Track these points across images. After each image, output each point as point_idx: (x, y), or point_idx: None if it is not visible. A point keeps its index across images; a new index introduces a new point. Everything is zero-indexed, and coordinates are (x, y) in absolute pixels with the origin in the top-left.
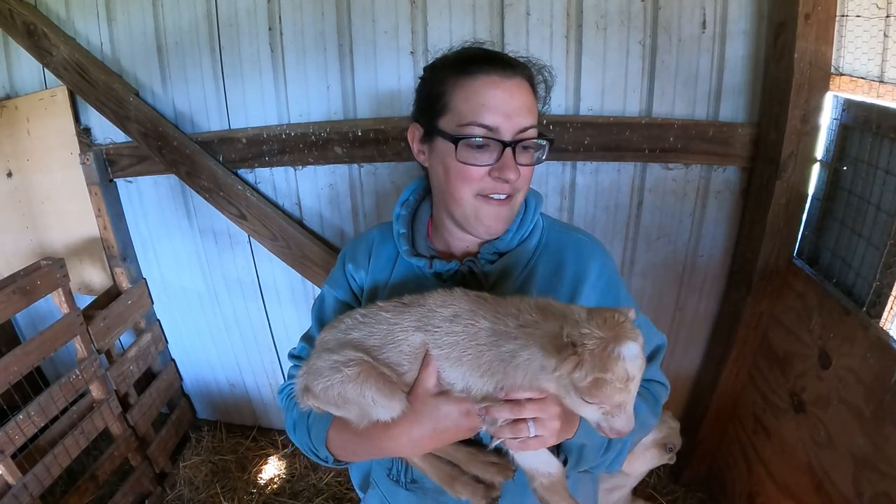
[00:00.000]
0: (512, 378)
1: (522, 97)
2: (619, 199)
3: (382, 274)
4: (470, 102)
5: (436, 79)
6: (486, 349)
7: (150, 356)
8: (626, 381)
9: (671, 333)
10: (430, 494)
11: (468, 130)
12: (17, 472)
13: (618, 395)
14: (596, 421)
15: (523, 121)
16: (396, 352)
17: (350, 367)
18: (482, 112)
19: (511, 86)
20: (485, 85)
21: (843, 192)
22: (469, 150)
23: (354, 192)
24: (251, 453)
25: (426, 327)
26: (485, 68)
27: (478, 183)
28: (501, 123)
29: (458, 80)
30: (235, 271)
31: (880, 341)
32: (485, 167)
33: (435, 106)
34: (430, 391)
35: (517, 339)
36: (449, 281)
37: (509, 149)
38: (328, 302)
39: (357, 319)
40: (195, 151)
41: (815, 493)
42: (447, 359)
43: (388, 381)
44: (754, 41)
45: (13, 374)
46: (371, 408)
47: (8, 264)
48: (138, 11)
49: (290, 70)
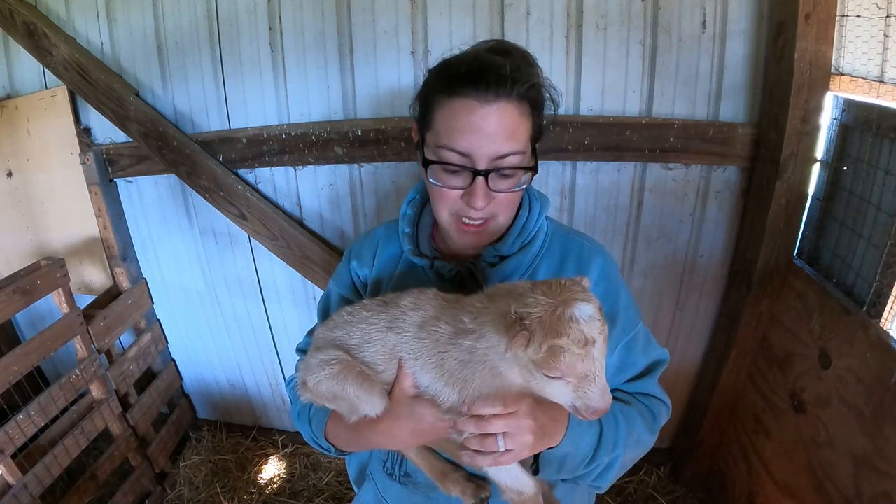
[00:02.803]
0: (473, 380)
1: (503, 122)
2: (619, 199)
3: (386, 271)
4: (447, 125)
5: (427, 88)
6: (448, 354)
7: (150, 356)
8: (585, 344)
9: (671, 333)
10: (421, 489)
11: (442, 154)
12: (17, 471)
13: (580, 364)
14: (570, 402)
15: (500, 147)
16: (372, 352)
17: (332, 366)
18: (456, 136)
19: (489, 111)
20: (462, 108)
21: (843, 192)
22: (442, 172)
23: (355, 192)
24: (251, 453)
25: (397, 329)
26: (466, 90)
27: (453, 203)
28: (474, 150)
29: (439, 98)
30: (235, 271)
31: (880, 341)
32: (457, 190)
33: (424, 117)
34: (406, 392)
35: (473, 333)
36: (450, 282)
37: (480, 177)
38: (333, 298)
39: (343, 318)
40: (195, 151)
41: (815, 493)
42: (416, 365)
43: (367, 379)
44: (754, 41)
45: (13, 374)
46: (356, 403)
47: (8, 264)
48: (138, 11)
49: (291, 70)
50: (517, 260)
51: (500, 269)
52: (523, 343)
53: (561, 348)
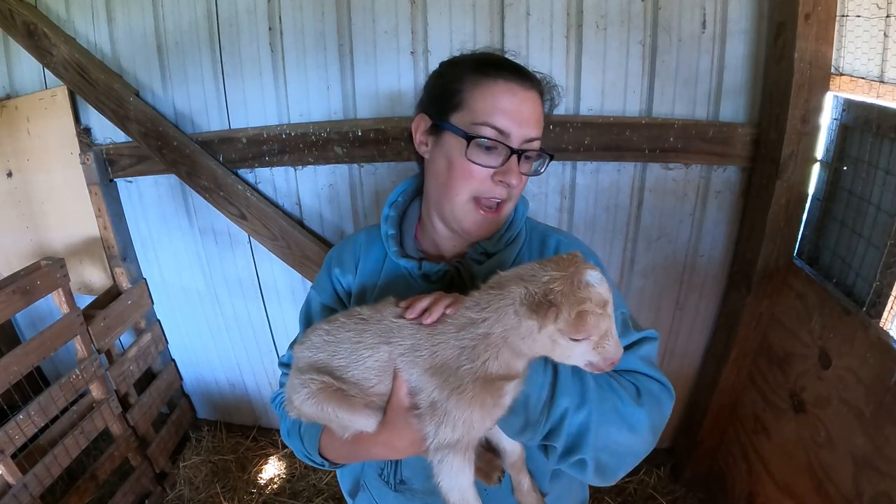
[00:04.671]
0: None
1: (534, 109)
2: (619, 199)
3: (371, 277)
4: (486, 103)
5: (454, 75)
6: (443, 346)
7: (150, 356)
8: (604, 304)
9: (671, 333)
10: (418, 496)
11: (480, 130)
12: (17, 471)
13: (602, 323)
14: (588, 360)
15: (531, 131)
16: (363, 368)
17: (311, 393)
18: (497, 114)
19: (526, 96)
20: (503, 90)
21: (843, 192)
22: (477, 149)
23: (354, 192)
24: (251, 453)
25: (389, 340)
26: (504, 74)
27: (478, 184)
28: (513, 129)
29: (477, 80)
30: (235, 271)
31: (880, 341)
32: (488, 169)
33: (450, 101)
34: (403, 403)
35: (486, 321)
36: (437, 282)
37: (515, 155)
38: (314, 307)
39: (321, 338)
40: (195, 151)
41: (815, 493)
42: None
43: (346, 400)
44: (754, 41)
45: (13, 374)
46: (346, 424)
47: (8, 264)
48: (138, 11)
49: (291, 70)
50: (502, 256)
51: (486, 266)
52: (553, 317)
53: (586, 312)
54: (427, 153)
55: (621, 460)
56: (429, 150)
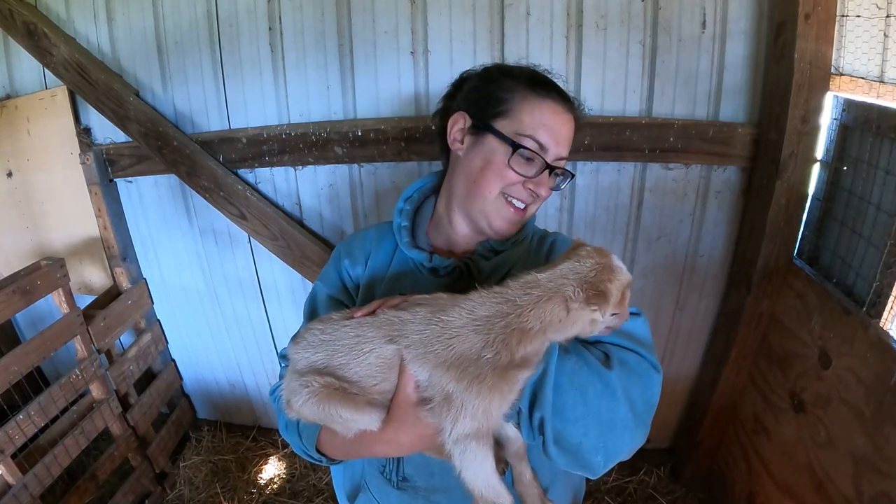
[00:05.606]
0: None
1: (570, 131)
2: (619, 199)
3: (380, 270)
4: (534, 118)
5: (506, 84)
6: (460, 343)
7: (150, 356)
8: (629, 281)
9: (671, 333)
10: (420, 494)
11: (524, 141)
12: (17, 471)
13: (628, 293)
14: (608, 325)
15: (563, 150)
16: (366, 364)
17: (312, 394)
18: (541, 130)
19: (566, 118)
20: (550, 109)
21: (843, 192)
22: (519, 158)
23: (354, 192)
24: (251, 453)
25: (394, 337)
26: (553, 95)
27: (511, 185)
28: (551, 146)
29: (527, 94)
30: (235, 271)
31: (880, 341)
32: (521, 177)
33: (496, 107)
34: (410, 398)
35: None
36: (445, 277)
37: (548, 169)
38: (320, 299)
39: (318, 338)
40: (195, 151)
41: (815, 493)
42: (417, 359)
43: (349, 399)
44: (754, 41)
45: (13, 374)
46: (349, 425)
47: (8, 264)
48: (138, 11)
49: (291, 70)
50: (508, 254)
51: (493, 262)
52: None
53: (626, 290)
54: (461, 150)
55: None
56: (464, 147)
